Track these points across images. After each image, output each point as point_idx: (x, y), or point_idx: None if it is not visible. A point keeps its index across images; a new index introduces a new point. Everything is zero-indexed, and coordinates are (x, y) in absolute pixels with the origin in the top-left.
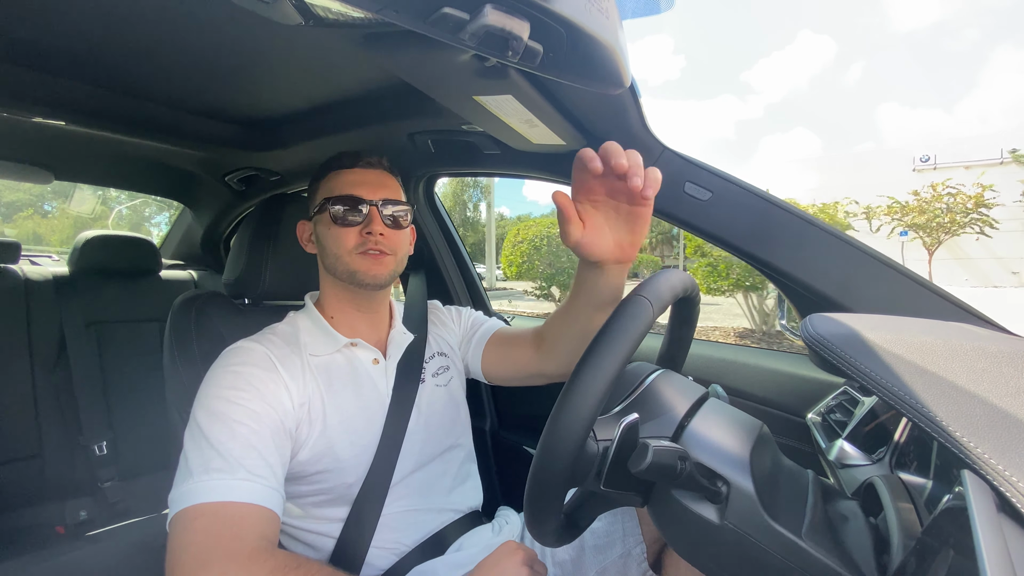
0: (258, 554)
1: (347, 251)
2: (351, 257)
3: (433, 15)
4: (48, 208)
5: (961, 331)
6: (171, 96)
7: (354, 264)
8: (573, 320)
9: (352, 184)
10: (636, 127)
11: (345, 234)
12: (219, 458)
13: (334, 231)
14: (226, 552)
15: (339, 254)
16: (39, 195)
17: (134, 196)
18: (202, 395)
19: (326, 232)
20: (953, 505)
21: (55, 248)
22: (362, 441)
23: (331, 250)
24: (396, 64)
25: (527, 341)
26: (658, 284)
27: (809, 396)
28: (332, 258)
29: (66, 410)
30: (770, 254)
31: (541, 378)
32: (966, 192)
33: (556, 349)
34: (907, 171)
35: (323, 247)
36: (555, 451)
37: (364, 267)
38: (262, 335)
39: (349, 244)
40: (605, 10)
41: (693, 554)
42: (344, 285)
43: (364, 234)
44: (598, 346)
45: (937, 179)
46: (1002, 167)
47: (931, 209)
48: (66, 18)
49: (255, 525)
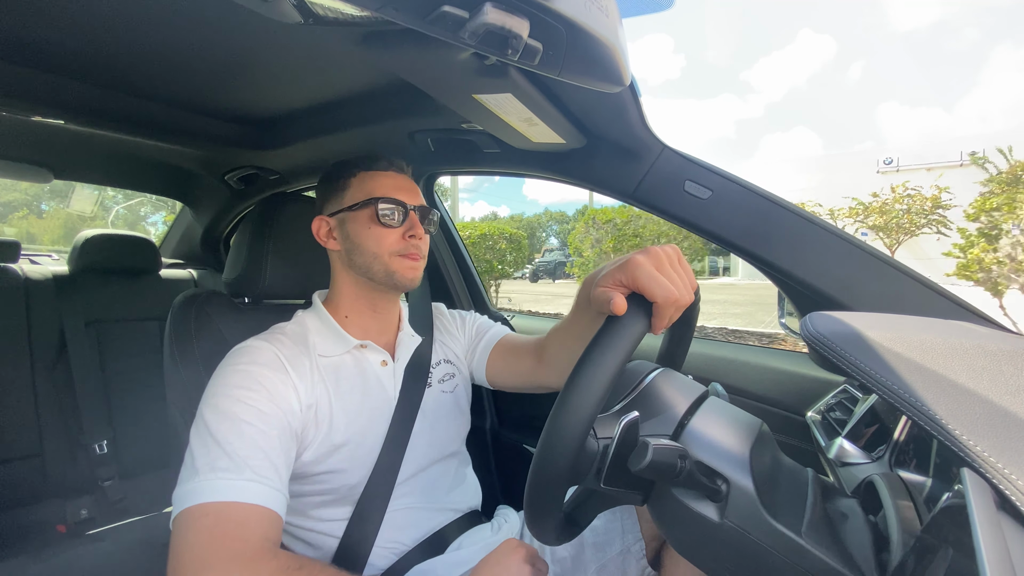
0: (261, 555)
1: (388, 251)
2: (391, 258)
3: (433, 13)
4: (45, 208)
5: (961, 329)
6: (171, 95)
7: (393, 265)
8: (576, 336)
9: (396, 188)
10: (636, 126)
11: (388, 235)
12: (225, 457)
13: (376, 231)
14: (229, 553)
15: (379, 253)
16: (35, 195)
17: (130, 196)
18: (209, 393)
19: (364, 231)
20: (952, 503)
21: (46, 247)
22: (367, 443)
23: (369, 249)
24: (396, 63)
25: (529, 352)
26: None
27: (809, 394)
28: (369, 257)
29: (66, 409)
30: (770, 253)
31: (542, 388)
32: (923, 194)
33: (557, 362)
34: (872, 173)
35: (356, 245)
36: (555, 449)
37: (403, 269)
38: (271, 334)
39: (392, 245)
40: (605, 8)
41: (693, 552)
42: (368, 284)
43: (407, 237)
44: (598, 344)
45: (900, 181)
46: (962, 169)
47: (891, 210)
48: (66, 17)
49: (259, 526)
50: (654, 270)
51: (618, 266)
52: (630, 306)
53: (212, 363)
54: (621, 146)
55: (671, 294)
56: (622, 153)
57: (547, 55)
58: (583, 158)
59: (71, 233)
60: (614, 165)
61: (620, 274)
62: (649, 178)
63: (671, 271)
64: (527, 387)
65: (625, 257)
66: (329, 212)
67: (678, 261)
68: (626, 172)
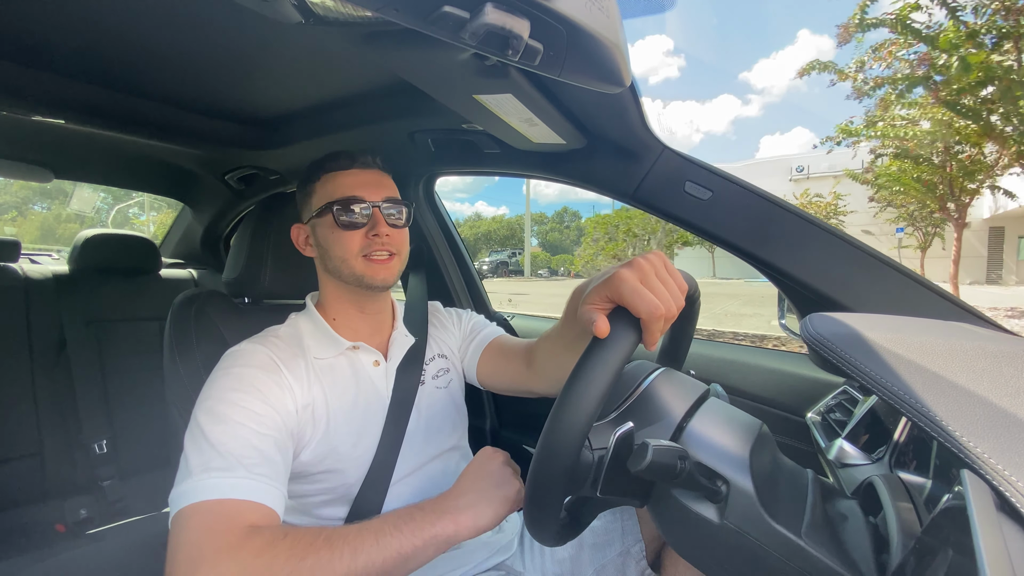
0: (245, 538)
1: (353, 254)
2: (357, 260)
3: (433, 14)
4: (38, 208)
5: (961, 331)
6: (171, 95)
7: (360, 268)
8: (564, 346)
9: (353, 186)
10: (636, 126)
11: (350, 237)
12: (219, 458)
13: (338, 234)
14: (216, 546)
15: (345, 257)
16: (25, 199)
17: (119, 200)
18: (204, 397)
19: (329, 235)
20: (952, 504)
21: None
22: (363, 442)
23: (336, 253)
24: (396, 63)
25: (520, 356)
26: None
27: (809, 395)
28: (337, 261)
29: (66, 408)
30: (770, 253)
31: (531, 394)
32: (825, 200)
33: (546, 369)
34: (785, 180)
35: (325, 250)
36: (553, 453)
37: (371, 271)
38: (264, 337)
39: (355, 247)
40: (605, 9)
41: (693, 553)
42: (347, 287)
43: (370, 236)
44: (588, 360)
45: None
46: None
47: None
48: (66, 17)
49: (248, 518)
50: (638, 284)
51: (603, 281)
52: (618, 321)
53: (212, 363)
54: (621, 147)
55: (656, 309)
56: (622, 154)
57: (548, 55)
58: (583, 159)
59: (47, 234)
60: (614, 166)
61: (605, 289)
62: (649, 179)
63: (656, 282)
64: (516, 391)
65: (610, 271)
66: (305, 219)
67: (664, 269)
68: (626, 173)
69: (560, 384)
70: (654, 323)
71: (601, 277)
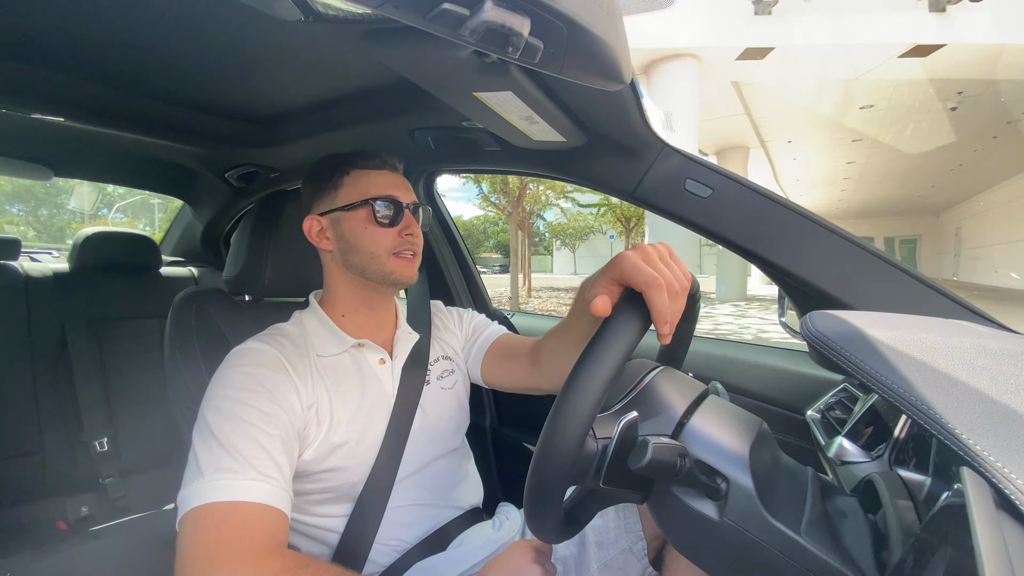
0: (268, 554)
1: (385, 251)
2: (388, 257)
3: (433, 11)
4: (13, 210)
5: (961, 328)
6: (171, 92)
7: (390, 264)
8: (571, 341)
9: (388, 186)
10: (636, 124)
11: (385, 234)
12: (229, 458)
13: (372, 231)
14: (236, 552)
15: (376, 253)
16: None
17: (114, 200)
18: (211, 394)
19: (360, 230)
20: (952, 502)
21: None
22: (367, 441)
23: (366, 249)
24: (396, 60)
25: (524, 355)
26: None
27: (809, 393)
28: (366, 257)
29: (67, 406)
30: (771, 251)
31: (536, 391)
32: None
33: (552, 366)
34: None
35: (352, 245)
36: (554, 449)
37: (400, 267)
38: (270, 336)
39: (388, 244)
40: (606, 6)
41: (693, 551)
42: (364, 283)
43: (404, 235)
44: (597, 344)
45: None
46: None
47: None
48: (65, 14)
49: (265, 525)
50: (639, 260)
51: (606, 264)
52: (625, 303)
53: (212, 360)
54: (621, 144)
55: (654, 279)
56: (622, 151)
57: (548, 53)
58: (583, 156)
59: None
60: (614, 163)
61: (609, 271)
62: (650, 176)
63: (659, 263)
64: (521, 389)
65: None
66: (320, 211)
67: (669, 256)
68: (626, 170)
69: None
70: (654, 292)
71: (606, 265)
